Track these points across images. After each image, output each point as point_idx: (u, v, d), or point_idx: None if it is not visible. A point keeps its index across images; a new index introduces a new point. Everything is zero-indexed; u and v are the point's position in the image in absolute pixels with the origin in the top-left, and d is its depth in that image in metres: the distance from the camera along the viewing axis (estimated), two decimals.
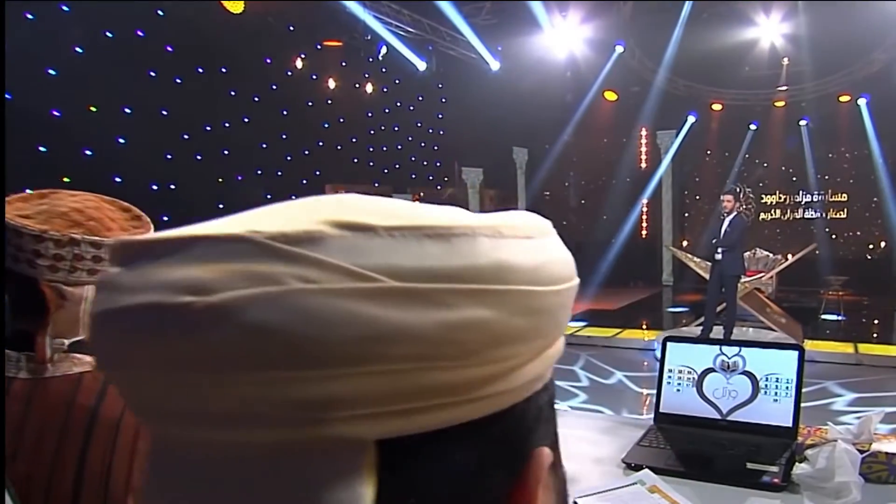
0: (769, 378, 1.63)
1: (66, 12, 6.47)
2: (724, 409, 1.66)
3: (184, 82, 7.41)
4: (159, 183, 7.13)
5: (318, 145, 8.98)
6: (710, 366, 1.71)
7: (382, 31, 8.72)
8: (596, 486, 1.38)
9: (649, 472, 1.40)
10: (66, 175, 6.30)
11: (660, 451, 1.56)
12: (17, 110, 5.87)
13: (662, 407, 1.76)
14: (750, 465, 1.42)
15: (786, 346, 1.68)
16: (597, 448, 1.64)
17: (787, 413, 1.59)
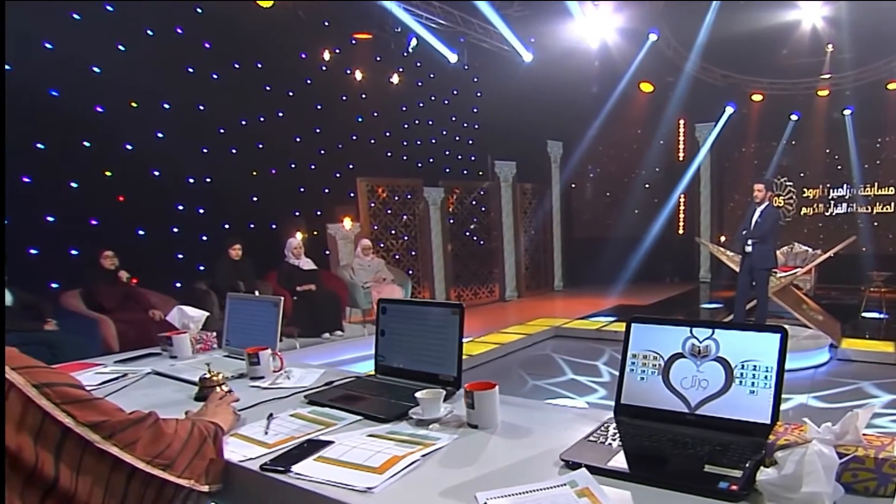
0: (745, 366, 1.46)
1: (111, 12, 6.58)
2: (692, 401, 1.51)
3: (220, 78, 7.48)
4: (195, 176, 7.24)
5: (352, 139, 8.96)
6: (679, 350, 1.55)
7: (413, 23, 8.63)
8: (522, 485, 1.25)
9: (586, 472, 1.28)
10: (108, 169, 6.50)
11: (608, 449, 1.43)
12: (64, 107, 6.08)
13: (624, 397, 1.62)
14: (708, 469, 1.28)
15: (766, 329, 1.48)
16: (546, 441, 1.51)
17: (764, 407, 1.42)
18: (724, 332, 1.52)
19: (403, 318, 2.11)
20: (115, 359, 2.66)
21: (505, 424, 1.65)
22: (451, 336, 1.95)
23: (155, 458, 1.28)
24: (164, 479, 1.29)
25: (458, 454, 1.47)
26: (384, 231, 9.23)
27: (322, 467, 1.39)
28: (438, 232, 9.76)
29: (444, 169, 10.29)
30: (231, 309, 2.65)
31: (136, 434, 1.27)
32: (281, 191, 8.01)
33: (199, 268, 6.93)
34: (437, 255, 9.74)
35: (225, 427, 1.61)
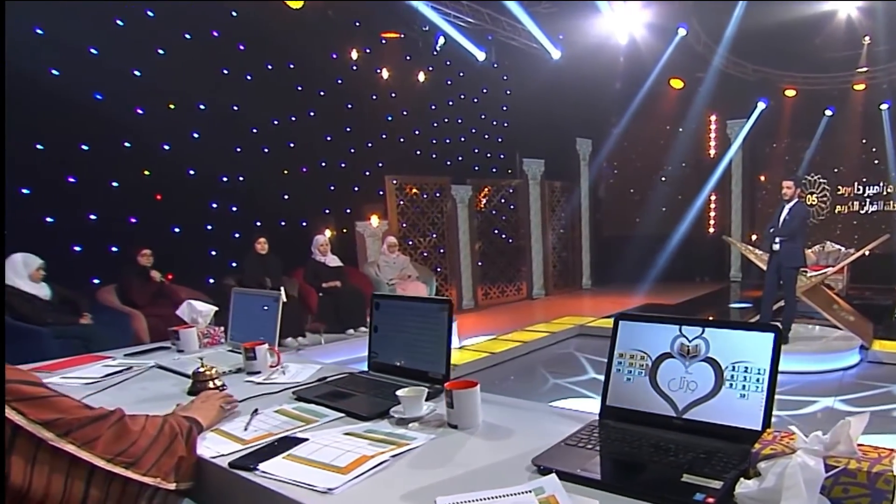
0: (736, 367, 1.36)
1: (151, 17, 6.68)
2: (679, 404, 1.40)
3: (253, 78, 7.53)
4: (228, 175, 7.30)
5: (382, 137, 8.95)
6: (668, 350, 1.44)
7: (440, 21, 8.55)
8: (487, 489, 1.17)
9: (555, 478, 1.19)
10: (146, 168, 6.60)
11: (584, 454, 1.33)
12: (107, 109, 6.20)
13: (609, 399, 1.52)
14: (687, 478, 1.18)
15: (759, 327, 1.37)
16: (525, 443, 1.42)
17: (755, 413, 1.32)
18: (714, 330, 1.41)
19: (395, 314, 2.05)
20: (126, 352, 2.68)
21: (486, 425, 1.57)
22: (439, 333, 1.88)
23: (117, 456, 1.25)
24: (128, 477, 1.25)
25: (430, 455, 1.40)
26: (412, 229, 9.19)
27: (289, 466, 1.34)
28: (466, 230, 9.68)
29: (473, 167, 10.20)
30: (235, 303, 2.63)
31: (97, 431, 1.24)
32: (311, 189, 8.04)
33: (231, 264, 6.98)
34: (464, 252, 9.65)
35: (205, 423, 1.58)
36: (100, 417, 1.26)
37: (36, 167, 5.74)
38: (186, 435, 1.43)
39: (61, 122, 5.72)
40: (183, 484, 1.37)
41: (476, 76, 9.99)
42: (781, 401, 4.68)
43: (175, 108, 6.85)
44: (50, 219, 5.90)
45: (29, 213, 5.72)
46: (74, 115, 5.76)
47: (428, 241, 9.40)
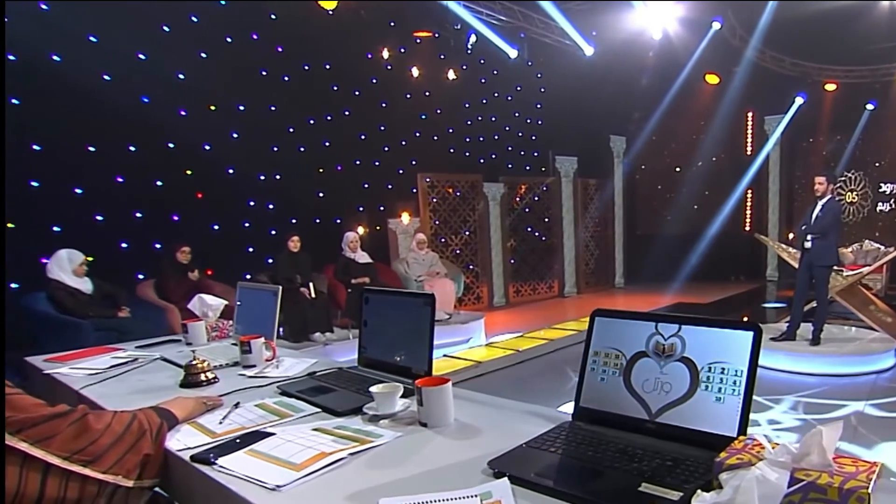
0: (712, 368, 1.25)
1: (195, 22, 6.81)
2: (653, 407, 1.31)
3: (291, 79, 7.58)
4: (266, 173, 7.38)
5: (415, 136, 8.93)
6: (643, 349, 1.35)
7: (472, 19, 8.47)
8: (434, 492, 1.11)
9: (507, 482, 1.12)
10: (188, 168, 6.72)
11: (544, 457, 1.25)
12: (153, 111, 6.34)
13: (583, 400, 1.43)
14: (645, 488, 1.09)
15: (737, 325, 1.26)
16: (491, 443, 1.35)
17: (730, 418, 1.21)
18: (691, 328, 1.31)
19: (382, 309, 2.00)
20: (138, 344, 2.71)
21: (459, 423, 1.51)
22: (422, 328, 1.82)
23: (75, 454, 1.24)
24: (85, 475, 1.24)
25: (391, 454, 1.35)
26: (444, 226, 9.14)
27: (247, 461, 1.31)
28: (498, 227, 9.56)
29: (507, 165, 10.09)
30: (240, 297, 2.63)
31: (54, 429, 1.23)
32: (345, 187, 8.08)
33: (267, 260, 7.07)
34: (495, 250, 9.54)
35: (181, 416, 1.56)
36: (57, 415, 1.25)
37: (88, 168, 5.92)
38: (156, 432, 1.41)
39: (111, 124, 5.87)
40: (147, 481, 1.36)
41: (510, 74, 9.86)
42: (809, 404, 4.45)
43: (216, 109, 6.95)
44: (100, 217, 6.07)
45: (81, 211, 5.90)
46: (123, 118, 5.91)
47: (460, 239, 9.34)
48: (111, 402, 1.80)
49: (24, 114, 5.48)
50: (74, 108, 5.59)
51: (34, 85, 5.43)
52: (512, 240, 9.91)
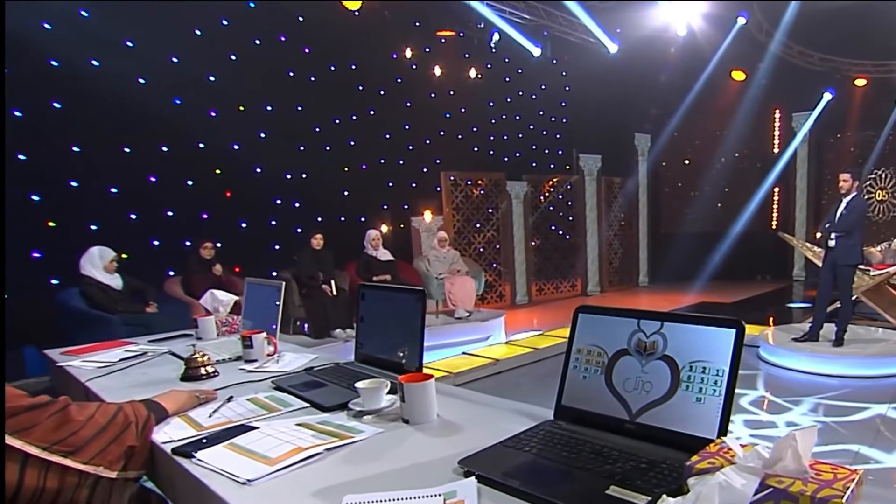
0: (693, 367, 1.19)
1: (226, 25, 6.91)
2: (633, 406, 1.26)
3: (317, 80, 7.64)
4: (292, 172, 7.45)
5: (440, 135, 8.92)
6: (625, 346, 1.29)
7: (495, 18, 8.40)
8: (400, 490, 1.09)
9: (474, 481, 1.09)
10: (217, 167, 6.82)
11: (517, 457, 1.22)
12: (185, 113, 6.46)
13: (564, 398, 1.39)
14: (613, 491, 1.05)
15: (719, 323, 1.20)
16: (470, 441, 1.32)
17: (710, 419, 1.15)
18: (673, 325, 1.25)
19: (377, 305, 1.99)
20: (151, 338, 2.75)
21: (441, 420, 1.49)
22: (413, 324, 1.80)
23: (55, 445, 1.24)
24: (66, 465, 1.24)
25: (367, 450, 1.33)
26: (467, 224, 9.11)
27: (225, 454, 1.30)
28: (521, 225, 9.49)
29: (531, 163, 10.00)
30: (248, 292, 2.65)
31: (33, 420, 1.23)
32: (370, 185, 8.10)
33: (293, 258, 7.16)
34: (518, 248, 9.47)
35: (171, 409, 1.57)
36: (38, 406, 1.26)
37: (123, 169, 6.06)
38: (143, 424, 1.42)
39: (145, 126, 5.99)
40: (132, 472, 1.36)
41: (535, 72, 9.77)
42: (829, 406, 4.29)
43: (244, 109, 7.03)
44: (133, 216, 6.21)
45: (116, 210, 6.05)
46: (156, 120, 6.03)
47: (482, 237, 9.29)
48: (113, 394, 1.82)
49: (66, 117, 5.66)
50: (111, 111, 5.73)
51: (75, 89, 5.59)
52: (535, 238, 9.81)
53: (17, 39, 5.25)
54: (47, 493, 1.22)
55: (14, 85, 5.35)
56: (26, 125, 5.45)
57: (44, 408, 1.26)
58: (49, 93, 5.59)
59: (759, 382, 4.93)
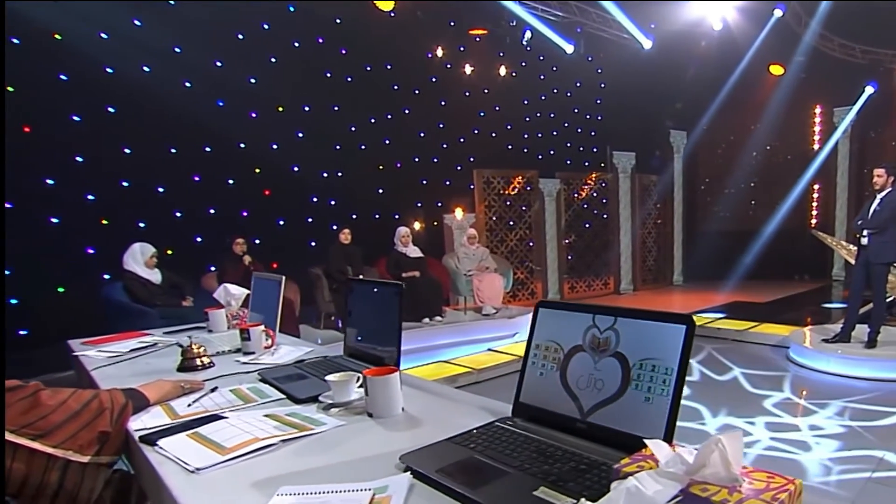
0: (643, 365, 1.14)
1: (266, 29, 7.05)
2: (585, 405, 1.21)
3: (353, 80, 7.71)
4: (328, 170, 7.54)
5: (474, 133, 8.88)
6: (580, 342, 1.24)
7: (527, 16, 8.29)
8: (336, 483, 1.09)
9: (407, 477, 1.08)
10: (257, 167, 6.97)
11: (457, 453, 1.19)
12: (227, 114, 6.62)
13: (522, 395, 1.34)
14: (540, 493, 1.02)
15: (669, 319, 1.13)
16: (425, 436, 1.30)
17: (658, 420, 1.09)
18: (626, 321, 1.19)
19: (362, 299, 1.99)
20: (166, 330, 2.83)
21: (406, 414, 1.48)
22: (392, 318, 1.80)
23: (23, 428, 1.27)
24: (34, 448, 1.27)
25: (322, 442, 1.33)
26: (500, 222, 9.04)
27: (184, 443, 1.32)
28: (553, 223, 9.35)
29: (566, 161, 9.84)
30: (255, 287, 2.69)
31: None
32: (404, 183, 8.14)
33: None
34: (550, 246, 9.33)
35: (153, 398, 1.60)
36: (8, 390, 1.29)
37: (169, 168, 6.27)
38: (119, 411, 1.44)
39: (190, 128, 6.16)
40: (105, 457, 1.38)
41: (570, 70, 9.62)
42: (856, 410, 4.06)
43: (283, 110, 7.15)
44: (178, 213, 6.41)
45: (163, 208, 6.26)
46: (200, 122, 6.20)
47: (515, 235, 9.21)
48: (111, 382, 1.87)
49: (119, 120, 5.89)
50: (159, 114, 5.91)
51: (127, 94, 5.80)
52: (568, 236, 9.65)
53: (77, 49, 5.54)
54: (15, 474, 1.25)
55: (74, 92, 5.62)
56: (84, 129, 5.71)
57: (13, 392, 1.30)
58: (104, 98, 5.83)
59: (786, 384, 4.72)
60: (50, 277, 5.45)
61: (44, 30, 5.42)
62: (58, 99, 5.57)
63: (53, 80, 5.53)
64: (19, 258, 5.27)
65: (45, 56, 5.43)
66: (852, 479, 3.04)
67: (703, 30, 9.06)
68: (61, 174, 5.60)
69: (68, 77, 5.62)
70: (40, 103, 5.42)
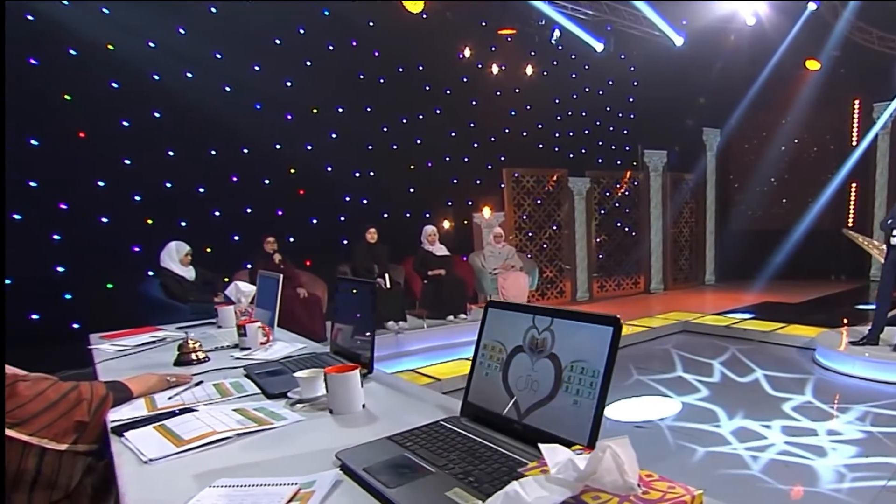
0: (574, 367, 1.12)
1: (302, 33, 7.17)
2: (522, 406, 1.20)
3: (386, 81, 7.75)
4: (361, 170, 7.61)
5: (504, 132, 8.82)
6: (520, 343, 1.23)
7: (555, 14, 8.17)
8: (270, 477, 1.11)
9: (335, 474, 1.10)
10: (292, 167, 7.09)
11: (393, 452, 1.20)
12: (264, 117, 6.77)
13: (470, 395, 1.34)
14: (450, 494, 1.02)
15: (597, 320, 1.11)
16: (374, 433, 1.32)
17: (584, 424, 1.07)
18: (561, 322, 1.17)
19: (346, 296, 2.02)
20: (179, 325, 2.93)
21: (366, 411, 1.50)
22: (366, 317, 1.82)
23: None
24: (9, 436, 1.32)
25: (276, 437, 1.36)
26: (530, 220, 8.95)
27: (148, 435, 1.36)
28: (583, 222, 9.20)
29: (598, 160, 9.67)
30: (260, 284, 2.76)
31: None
32: (435, 182, 8.14)
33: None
34: (580, 244, 9.19)
35: (137, 391, 1.67)
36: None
37: (208, 169, 6.45)
38: (99, 402, 1.50)
39: (229, 130, 6.30)
40: (82, 446, 1.43)
41: (602, 68, 9.42)
42: (879, 415, 3.86)
43: (317, 112, 7.24)
44: (217, 212, 6.60)
45: (202, 208, 6.44)
46: (239, 124, 6.35)
47: (544, 233, 9.10)
48: (110, 375, 1.93)
49: (163, 124, 6.10)
50: (200, 117, 6.06)
51: (171, 99, 5.99)
52: (599, 235, 9.48)
53: (127, 58, 5.78)
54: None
55: (123, 98, 5.84)
56: (131, 133, 5.94)
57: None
58: (151, 104, 6.04)
59: (808, 387, 4.52)
60: (100, 274, 5.69)
61: (98, 41, 5.66)
62: (109, 106, 5.79)
63: (105, 88, 5.76)
64: (73, 256, 5.55)
65: (98, 66, 5.66)
66: (866, 487, 2.90)
67: (735, 25, 8.74)
68: (111, 176, 5.82)
69: (119, 85, 5.85)
70: (94, 110, 5.66)
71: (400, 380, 1.80)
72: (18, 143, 5.32)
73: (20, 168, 5.29)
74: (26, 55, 5.34)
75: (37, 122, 5.40)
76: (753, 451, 3.35)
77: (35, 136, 5.40)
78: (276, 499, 1.03)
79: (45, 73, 5.42)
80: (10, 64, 5.21)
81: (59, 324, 5.29)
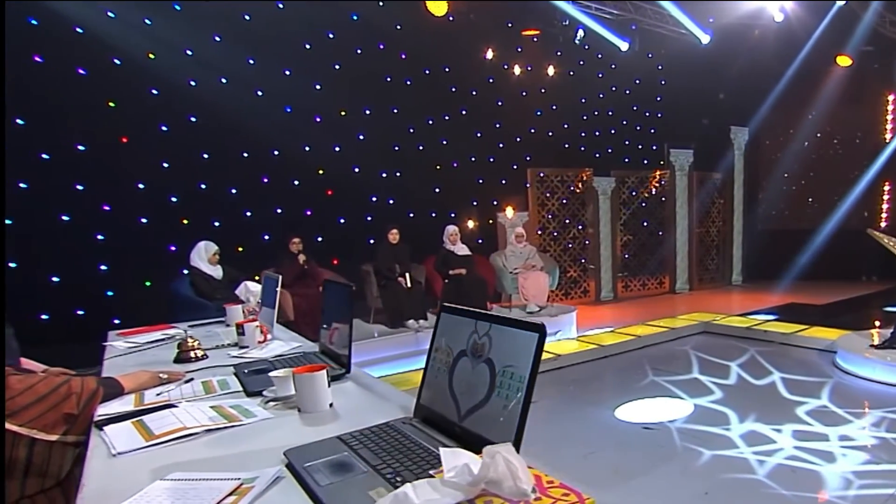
0: (505, 372, 1.14)
1: (331, 38, 7.29)
2: (462, 409, 1.22)
3: (412, 83, 7.81)
4: (388, 171, 7.69)
5: (530, 132, 8.77)
6: (464, 347, 1.26)
7: (578, 14, 8.06)
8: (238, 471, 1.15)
9: (279, 470, 1.16)
10: (320, 167, 7.21)
11: (338, 451, 1.23)
12: (293, 119, 6.91)
13: (422, 397, 1.37)
14: (374, 493, 1.05)
15: (525, 326, 1.13)
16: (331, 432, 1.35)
17: (510, 428, 1.09)
18: (498, 327, 1.20)
19: (331, 297, 2.06)
20: (192, 323, 3.03)
21: (332, 411, 1.54)
22: (344, 318, 1.86)
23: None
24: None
25: (240, 434, 1.41)
26: (554, 220, 8.87)
27: (124, 429, 1.42)
28: (607, 221, 9.06)
29: (624, 159, 9.51)
30: (265, 284, 2.84)
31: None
32: (461, 182, 8.16)
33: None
34: (604, 244, 9.04)
35: (128, 387, 1.74)
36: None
37: (240, 171, 6.63)
38: (89, 396, 1.57)
39: (260, 132, 6.46)
40: (71, 437, 1.51)
41: (629, 67, 9.27)
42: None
43: (345, 114, 7.33)
44: (248, 213, 6.77)
45: (234, 208, 6.62)
46: (269, 127, 6.50)
47: (569, 233, 9.00)
48: (113, 371, 2.02)
49: (199, 128, 6.31)
50: (233, 121, 6.23)
51: (206, 104, 6.19)
52: (624, 234, 9.32)
53: (166, 66, 6.00)
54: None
55: (162, 104, 6.07)
56: (169, 137, 6.16)
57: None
58: (187, 108, 6.25)
59: (825, 391, 4.36)
60: (139, 272, 5.91)
61: (140, 50, 5.89)
62: (149, 112, 6.02)
63: (146, 94, 5.98)
64: (115, 255, 5.80)
65: (140, 73, 5.89)
66: (872, 495, 2.79)
67: (762, 22, 8.45)
68: (150, 179, 6.05)
69: (158, 91, 6.07)
70: (135, 116, 5.91)
71: (376, 381, 1.83)
72: (68, 149, 5.58)
73: (69, 172, 5.59)
74: (76, 66, 5.61)
75: (84, 129, 5.66)
76: (761, 456, 3.27)
77: (82, 141, 5.66)
78: (217, 493, 1.08)
79: (92, 82, 5.67)
80: (63, 75, 5.51)
81: (102, 320, 5.54)
